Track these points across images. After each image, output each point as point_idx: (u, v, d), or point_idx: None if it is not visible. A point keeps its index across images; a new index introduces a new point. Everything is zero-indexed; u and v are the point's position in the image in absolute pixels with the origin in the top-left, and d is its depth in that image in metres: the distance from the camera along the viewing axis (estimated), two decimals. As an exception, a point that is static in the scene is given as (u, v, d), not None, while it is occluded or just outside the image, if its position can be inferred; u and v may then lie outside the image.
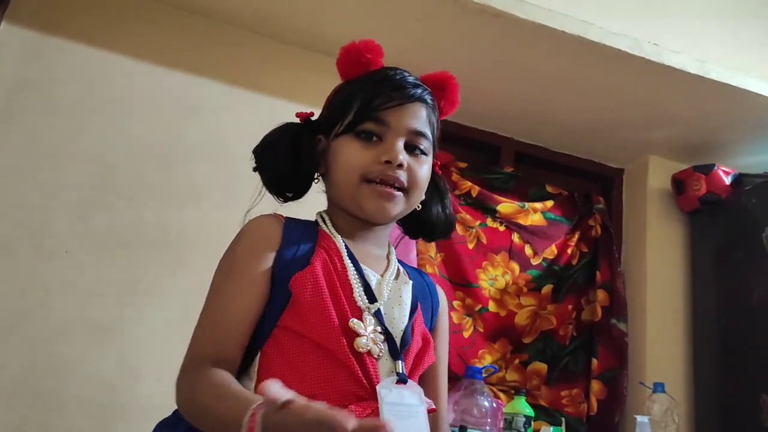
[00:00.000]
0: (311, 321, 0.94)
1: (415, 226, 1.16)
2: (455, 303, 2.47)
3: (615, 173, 2.95)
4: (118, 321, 1.89)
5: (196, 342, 0.95)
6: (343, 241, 1.03)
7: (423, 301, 1.10)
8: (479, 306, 2.49)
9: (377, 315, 0.98)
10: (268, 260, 0.98)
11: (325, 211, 1.11)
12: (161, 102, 2.11)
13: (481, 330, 2.48)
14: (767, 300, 2.30)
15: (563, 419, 2.31)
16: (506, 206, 2.64)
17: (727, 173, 2.61)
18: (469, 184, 2.60)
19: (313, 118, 1.12)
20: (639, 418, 2.09)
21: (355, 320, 0.95)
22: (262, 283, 0.97)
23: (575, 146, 2.84)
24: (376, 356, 0.94)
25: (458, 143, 2.67)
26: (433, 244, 2.47)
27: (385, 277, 1.04)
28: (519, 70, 2.36)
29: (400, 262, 1.13)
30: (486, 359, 2.45)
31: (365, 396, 0.92)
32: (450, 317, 2.43)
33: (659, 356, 2.58)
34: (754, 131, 2.60)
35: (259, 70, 2.26)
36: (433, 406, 0.98)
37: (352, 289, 0.98)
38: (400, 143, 1.02)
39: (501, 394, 2.36)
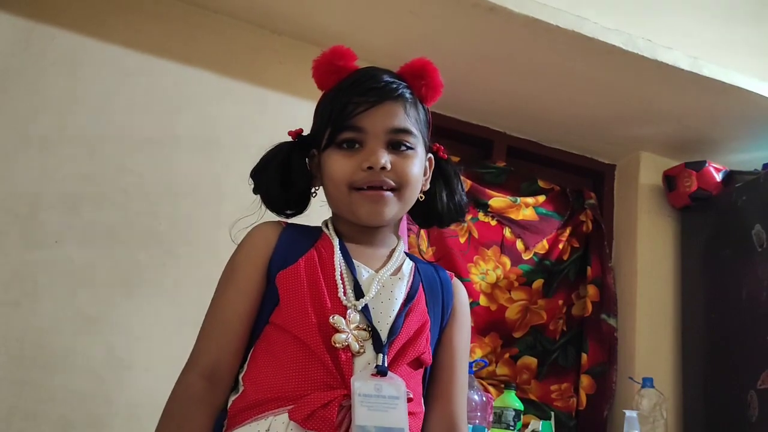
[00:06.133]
0: (291, 315, 0.98)
1: (424, 216, 1.17)
2: (446, 297, 2.47)
3: (606, 169, 2.95)
4: (107, 312, 1.87)
5: (195, 349, 1.02)
6: (340, 242, 1.06)
7: (431, 296, 1.10)
8: (470, 300, 2.49)
9: (365, 311, 0.99)
10: (263, 264, 1.03)
11: (330, 218, 1.13)
12: (152, 92, 2.09)
13: (472, 324, 2.48)
14: (756, 296, 2.31)
15: (552, 413, 2.32)
16: (498, 201, 2.64)
17: (718, 170, 2.61)
18: (461, 178, 2.59)
19: (304, 134, 1.13)
20: (628, 413, 2.10)
21: (337, 317, 0.97)
22: (257, 287, 1.03)
23: (567, 141, 2.84)
24: (355, 352, 0.96)
25: (450, 137, 2.66)
26: (424, 237, 2.47)
27: (380, 273, 1.05)
28: (512, 64, 2.35)
29: (413, 257, 1.14)
30: (476, 353, 2.45)
31: (335, 386, 0.93)
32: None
33: (648, 351, 2.59)
34: (746, 128, 2.60)
35: (251, 61, 2.24)
36: (411, 395, 0.97)
37: (337, 287, 0.99)
38: (380, 146, 1.03)
39: (491, 388, 2.37)
